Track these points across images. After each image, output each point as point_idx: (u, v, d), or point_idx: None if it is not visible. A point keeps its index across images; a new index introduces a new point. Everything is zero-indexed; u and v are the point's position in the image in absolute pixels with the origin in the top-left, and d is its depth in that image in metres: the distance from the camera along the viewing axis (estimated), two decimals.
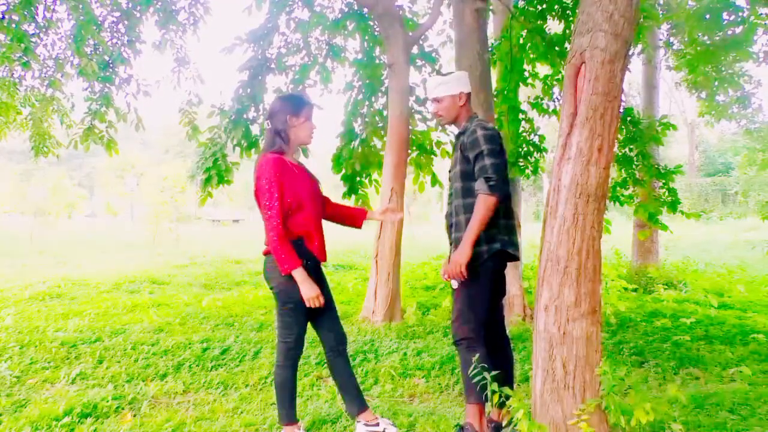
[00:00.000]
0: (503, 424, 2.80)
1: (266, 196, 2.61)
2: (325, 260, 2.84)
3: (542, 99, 7.21)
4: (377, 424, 2.83)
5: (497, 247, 2.75)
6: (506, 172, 2.79)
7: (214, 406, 3.31)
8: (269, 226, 2.61)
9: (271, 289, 2.78)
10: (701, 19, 6.55)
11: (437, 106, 2.96)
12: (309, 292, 2.64)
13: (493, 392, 2.70)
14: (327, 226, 2.96)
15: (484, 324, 2.81)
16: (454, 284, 2.79)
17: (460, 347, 2.82)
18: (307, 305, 2.68)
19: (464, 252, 2.68)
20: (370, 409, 2.91)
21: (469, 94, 2.97)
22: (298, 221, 2.71)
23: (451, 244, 2.94)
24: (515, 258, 2.87)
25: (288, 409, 2.80)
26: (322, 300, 2.69)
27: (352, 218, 3.08)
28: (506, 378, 2.87)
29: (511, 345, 3.07)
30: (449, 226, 2.97)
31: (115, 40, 6.85)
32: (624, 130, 6.69)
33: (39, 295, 6.88)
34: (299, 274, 2.63)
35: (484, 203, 2.67)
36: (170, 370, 3.96)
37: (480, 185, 2.70)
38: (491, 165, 2.69)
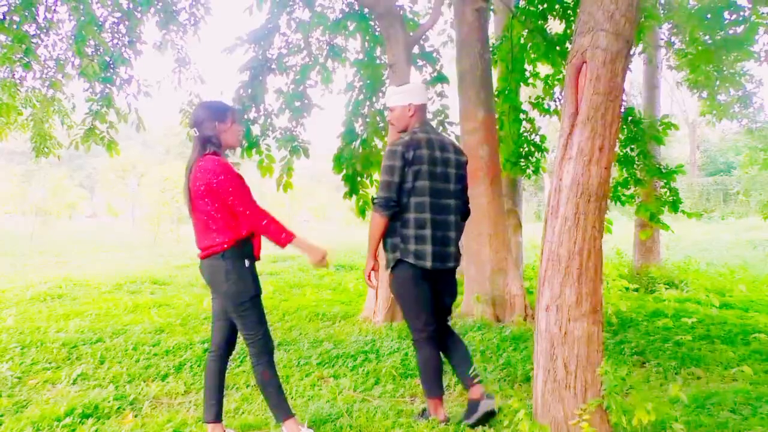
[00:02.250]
0: (480, 401, 2.94)
1: (238, 193, 2.63)
2: (259, 258, 2.85)
3: (543, 99, 7.22)
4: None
5: (397, 256, 2.94)
6: (396, 187, 2.89)
7: None
8: (257, 213, 2.64)
9: (219, 293, 2.73)
10: (702, 19, 6.54)
11: (390, 115, 3.13)
12: (318, 255, 2.76)
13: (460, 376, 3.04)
14: (331, 229, 2.99)
15: (426, 325, 2.98)
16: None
17: (414, 344, 3.08)
18: (318, 266, 2.79)
19: (366, 262, 2.98)
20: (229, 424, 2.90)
21: (420, 106, 3.06)
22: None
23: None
24: (424, 268, 2.90)
25: (282, 404, 2.77)
26: (327, 258, 2.80)
27: None
28: (465, 357, 3.08)
29: (455, 333, 3.23)
30: None
31: (115, 41, 6.84)
32: (625, 130, 6.70)
33: (40, 296, 6.89)
34: (300, 242, 2.72)
35: (372, 219, 2.92)
36: (171, 371, 3.96)
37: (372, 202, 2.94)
38: (381, 187, 2.91)
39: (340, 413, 3.11)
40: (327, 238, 18.97)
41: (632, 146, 6.76)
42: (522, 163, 7.15)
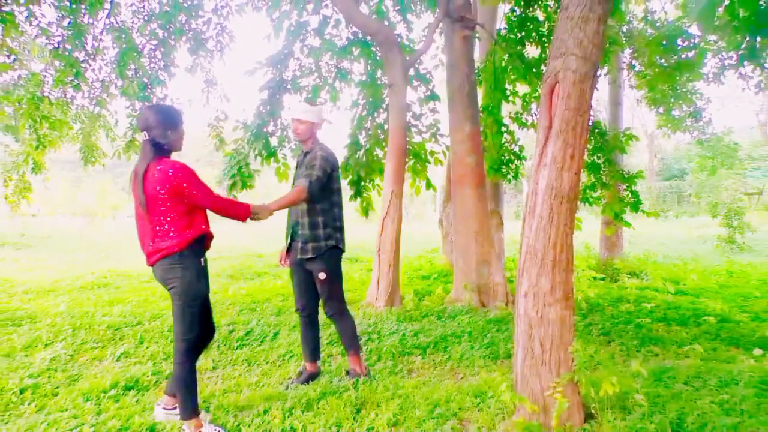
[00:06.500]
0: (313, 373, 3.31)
1: (200, 190, 2.43)
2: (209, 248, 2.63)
3: (522, 114, 7.20)
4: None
5: (332, 243, 3.17)
6: (325, 186, 3.09)
7: (239, 381, 3.32)
8: (219, 201, 2.50)
9: (172, 288, 2.44)
10: (659, 45, 6.55)
11: (298, 126, 3.22)
12: (267, 214, 2.71)
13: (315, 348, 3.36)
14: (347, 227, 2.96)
15: (344, 300, 3.29)
16: (322, 276, 3.17)
17: (334, 318, 3.26)
18: (258, 218, 2.68)
19: (270, 207, 2.78)
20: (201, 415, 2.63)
21: (322, 124, 3.29)
22: (203, 218, 2.54)
23: (295, 241, 3.24)
24: (343, 251, 3.28)
25: (194, 403, 2.50)
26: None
27: None
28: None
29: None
30: (295, 225, 3.24)
31: (152, 65, 6.86)
32: (593, 141, 6.69)
33: (88, 285, 6.89)
34: (255, 208, 2.65)
35: (298, 193, 2.97)
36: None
37: (302, 182, 3.01)
38: (316, 176, 3.03)
39: (347, 387, 3.11)
40: None
41: (599, 155, 6.75)
42: (503, 170, 7.14)
